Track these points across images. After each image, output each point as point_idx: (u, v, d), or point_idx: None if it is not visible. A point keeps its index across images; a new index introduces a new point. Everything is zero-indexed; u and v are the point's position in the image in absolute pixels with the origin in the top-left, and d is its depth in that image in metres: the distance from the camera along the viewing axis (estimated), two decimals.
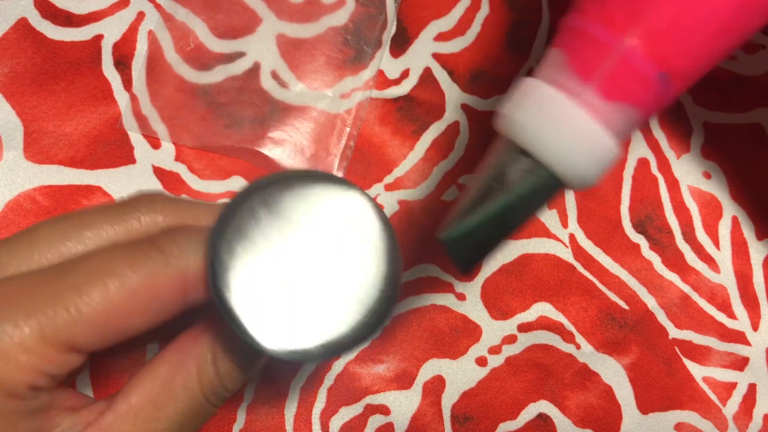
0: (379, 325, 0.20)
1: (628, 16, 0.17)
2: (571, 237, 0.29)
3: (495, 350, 0.28)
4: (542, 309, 0.29)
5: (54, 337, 0.17)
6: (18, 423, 0.17)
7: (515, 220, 0.19)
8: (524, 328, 0.29)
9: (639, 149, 0.30)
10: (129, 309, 0.18)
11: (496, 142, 0.19)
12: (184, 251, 0.19)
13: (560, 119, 0.17)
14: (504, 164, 0.18)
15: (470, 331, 0.28)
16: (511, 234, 0.19)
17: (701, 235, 0.30)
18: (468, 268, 0.20)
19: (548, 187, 0.18)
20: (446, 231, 0.20)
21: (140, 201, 0.21)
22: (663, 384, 0.29)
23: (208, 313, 0.21)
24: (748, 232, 0.30)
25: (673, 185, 0.30)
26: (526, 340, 0.29)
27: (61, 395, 0.19)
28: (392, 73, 0.29)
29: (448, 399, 0.28)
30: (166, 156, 0.28)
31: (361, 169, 0.29)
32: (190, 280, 0.19)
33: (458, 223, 0.19)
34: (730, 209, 0.30)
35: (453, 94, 0.29)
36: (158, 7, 0.28)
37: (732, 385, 0.29)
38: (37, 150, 0.27)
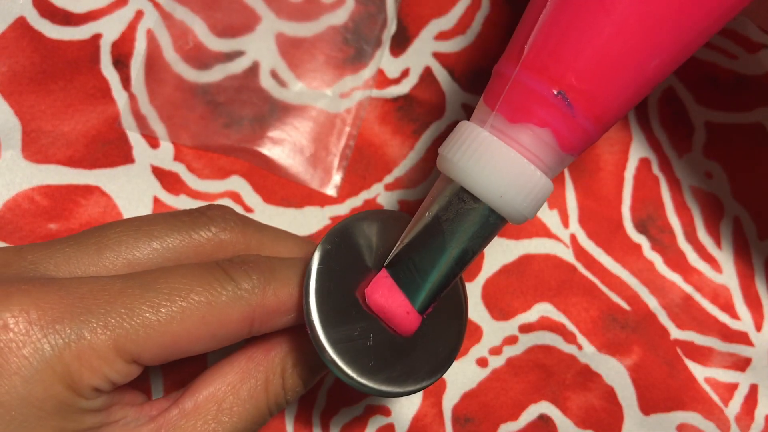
0: (446, 370, 0.22)
1: (521, 48, 0.19)
2: (572, 237, 0.29)
3: (496, 351, 0.28)
4: (543, 309, 0.29)
5: (124, 349, 0.18)
6: (85, 416, 0.18)
7: (461, 256, 0.20)
8: (525, 328, 0.28)
9: (640, 149, 0.30)
10: (197, 335, 0.19)
11: (439, 180, 0.20)
12: (258, 287, 0.20)
13: (478, 149, 0.19)
14: (443, 200, 0.20)
15: (471, 332, 0.28)
16: (460, 270, 0.20)
17: (703, 235, 0.29)
18: (423, 308, 0.21)
19: (480, 217, 0.19)
20: (393, 263, 0.21)
21: (211, 218, 0.22)
22: (665, 385, 0.29)
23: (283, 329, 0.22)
24: (750, 232, 0.30)
25: (675, 185, 0.30)
26: (527, 340, 0.28)
27: (120, 391, 0.20)
28: (392, 73, 0.29)
29: (449, 400, 0.28)
30: (164, 155, 0.28)
31: (361, 169, 0.29)
32: (258, 316, 0.20)
33: (405, 256, 0.21)
34: (731, 209, 0.30)
35: (453, 94, 0.29)
36: (157, 5, 0.28)
37: (734, 386, 0.29)
38: (35, 149, 0.27)
